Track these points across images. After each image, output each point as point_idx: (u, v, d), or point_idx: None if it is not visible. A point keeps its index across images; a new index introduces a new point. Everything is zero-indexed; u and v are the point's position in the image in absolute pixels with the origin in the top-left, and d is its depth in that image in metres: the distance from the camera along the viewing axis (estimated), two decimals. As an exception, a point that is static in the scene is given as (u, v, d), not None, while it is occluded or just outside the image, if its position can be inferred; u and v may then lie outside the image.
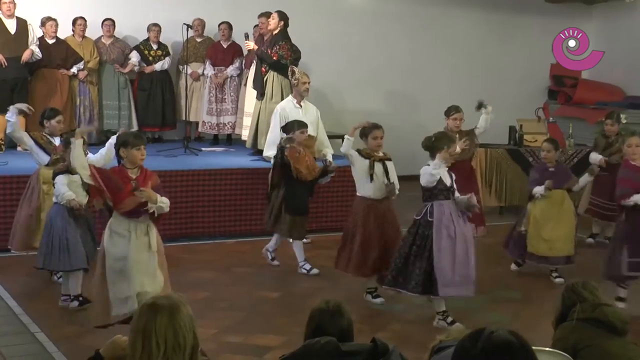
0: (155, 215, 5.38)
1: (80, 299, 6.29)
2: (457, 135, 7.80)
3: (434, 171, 6.05)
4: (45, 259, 6.38)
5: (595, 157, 8.88)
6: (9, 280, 7.06)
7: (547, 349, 3.53)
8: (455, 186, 6.23)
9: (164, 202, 5.37)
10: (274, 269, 7.81)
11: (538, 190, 7.48)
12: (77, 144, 5.57)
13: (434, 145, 6.14)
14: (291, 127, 7.68)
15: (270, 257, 7.85)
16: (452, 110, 8.33)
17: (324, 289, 7.05)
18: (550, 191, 7.42)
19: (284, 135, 7.75)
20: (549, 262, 7.55)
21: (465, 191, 6.29)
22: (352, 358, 2.99)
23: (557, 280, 7.42)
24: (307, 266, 7.63)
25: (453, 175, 6.30)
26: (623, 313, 3.97)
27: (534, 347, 3.46)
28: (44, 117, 7.04)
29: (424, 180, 6.12)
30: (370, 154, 6.75)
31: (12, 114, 6.89)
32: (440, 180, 6.10)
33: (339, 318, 3.41)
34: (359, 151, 6.79)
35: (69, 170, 6.24)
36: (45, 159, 6.86)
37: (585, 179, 7.71)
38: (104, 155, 6.46)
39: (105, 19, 10.92)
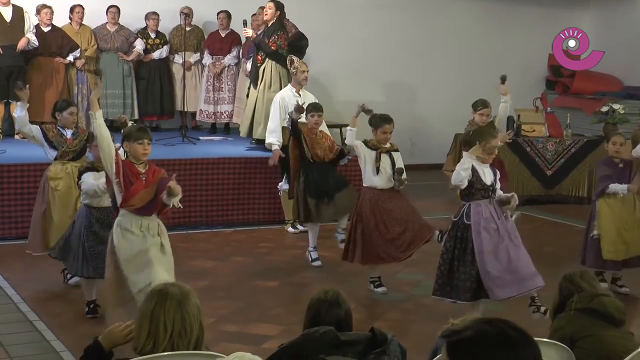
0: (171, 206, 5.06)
1: (91, 305, 5.94)
2: None
3: (462, 169, 5.70)
4: (61, 253, 6.04)
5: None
6: (8, 268, 7.07)
7: (544, 339, 3.55)
8: (497, 185, 5.86)
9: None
10: (271, 258, 7.80)
11: (618, 188, 6.71)
12: (97, 115, 4.97)
13: (470, 139, 5.87)
14: (306, 110, 7.63)
15: (311, 258, 7.55)
16: (480, 105, 7.80)
17: (322, 279, 7.06)
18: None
19: (287, 124, 7.79)
20: (627, 266, 6.80)
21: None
22: (351, 347, 3.01)
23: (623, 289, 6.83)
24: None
25: (497, 172, 5.95)
26: (620, 303, 3.99)
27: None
28: (56, 109, 6.72)
29: (453, 179, 5.77)
30: (377, 146, 6.67)
31: (19, 109, 6.57)
32: (479, 179, 5.73)
33: (336, 308, 3.42)
34: (365, 142, 6.70)
35: (95, 168, 5.89)
36: (53, 153, 6.62)
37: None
38: None
39: (111, 6, 10.87)
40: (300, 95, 8.43)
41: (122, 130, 5.31)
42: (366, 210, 6.65)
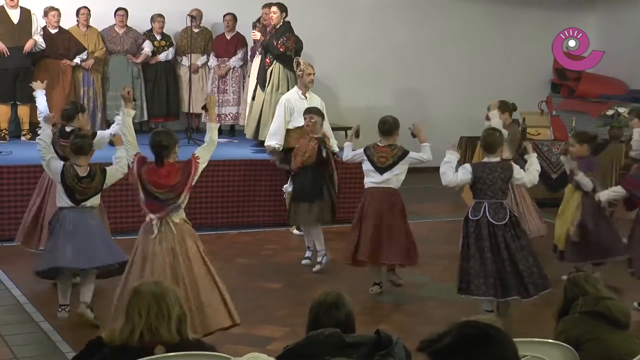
0: None
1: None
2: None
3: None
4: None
5: None
6: (13, 269, 7.09)
7: (549, 340, 3.56)
8: None
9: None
10: (276, 260, 7.82)
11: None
12: (215, 126, 5.58)
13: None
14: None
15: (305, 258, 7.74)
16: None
17: (326, 280, 7.06)
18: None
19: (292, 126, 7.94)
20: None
21: None
22: (355, 349, 3.01)
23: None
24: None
25: None
26: (626, 306, 3.99)
27: (537, 340, 3.51)
28: (79, 110, 6.79)
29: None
30: None
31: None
32: None
33: (335, 311, 3.41)
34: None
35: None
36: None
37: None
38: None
39: (118, 9, 10.89)
40: (306, 97, 8.42)
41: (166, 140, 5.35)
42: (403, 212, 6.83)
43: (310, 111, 7.61)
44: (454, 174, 6.01)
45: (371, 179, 6.77)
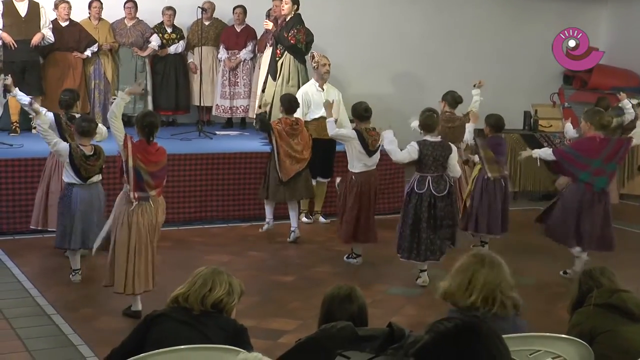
0: None
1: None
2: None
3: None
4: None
5: None
6: (25, 262, 7.11)
7: (563, 335, 3.53)
8: None
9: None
10: (287, 253, 7.83)
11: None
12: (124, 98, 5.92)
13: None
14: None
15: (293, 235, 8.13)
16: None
17: (337, 273, 7.07)
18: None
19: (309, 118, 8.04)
20: None
21: None
22: (368, 343, 3.00)
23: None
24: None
25: None
26: (640, 300, 3.96)
27: (552, 335, 3.48)
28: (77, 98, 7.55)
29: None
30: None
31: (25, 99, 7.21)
32: None
33: (347, 304, 3.42)
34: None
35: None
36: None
37: None
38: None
39: (127, 1, 10.88)
40: (323, 89, 8.43)
41: (157, 120, 5.88)
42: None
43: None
44: (403, 151, 6.70)
45: (362, 162, 7.24)
